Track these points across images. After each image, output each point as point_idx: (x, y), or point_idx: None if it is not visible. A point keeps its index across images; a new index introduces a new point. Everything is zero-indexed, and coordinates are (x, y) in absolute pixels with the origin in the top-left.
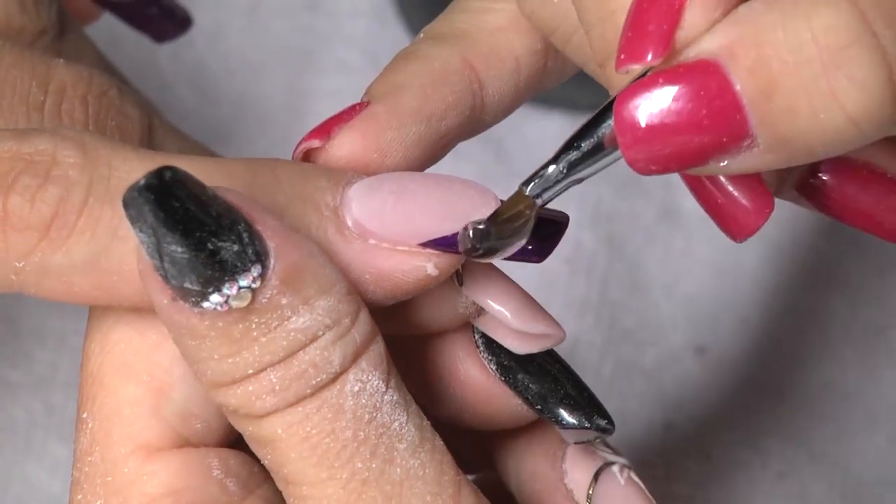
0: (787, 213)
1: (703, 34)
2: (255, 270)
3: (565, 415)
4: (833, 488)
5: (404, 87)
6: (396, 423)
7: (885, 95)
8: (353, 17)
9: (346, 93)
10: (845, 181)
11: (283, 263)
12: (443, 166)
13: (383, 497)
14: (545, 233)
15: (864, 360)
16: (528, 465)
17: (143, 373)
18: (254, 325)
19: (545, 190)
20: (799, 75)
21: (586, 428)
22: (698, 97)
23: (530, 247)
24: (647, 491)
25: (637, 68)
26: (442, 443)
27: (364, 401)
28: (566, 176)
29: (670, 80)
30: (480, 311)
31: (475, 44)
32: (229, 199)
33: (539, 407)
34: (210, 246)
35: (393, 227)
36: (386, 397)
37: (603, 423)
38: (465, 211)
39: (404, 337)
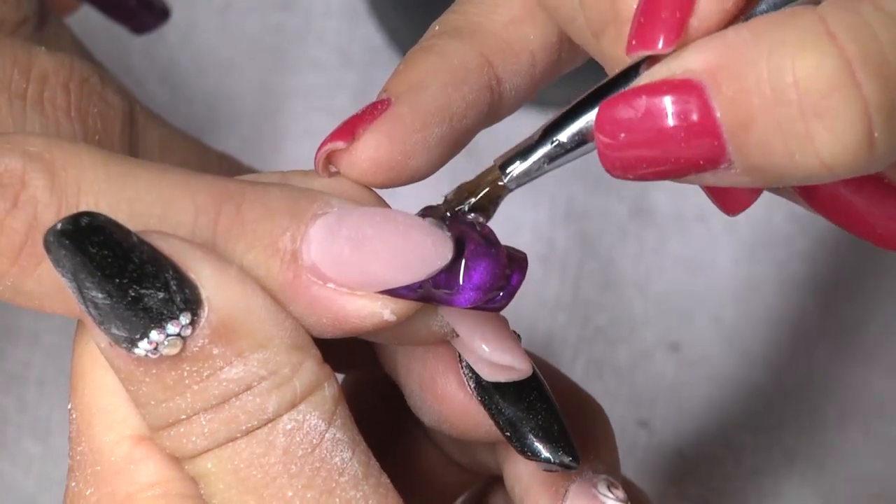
0: (759, 211)
1: (715, 25)
2: (185, 318)
3: (531, 445)
4: (807, 484)
5: (426, 85)
6: (338, 459)
7: (862, 146)
8: (325, 16)
9: (318, 91)
10: (843, 185)
11: (217, 315)
12: None
13: None
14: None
15: (838, 357)
16: (531, 497)
17: None
18: (185, 374)
19: (520, 179)
20: (777, 115)
21: (549, 461)
22: (679, 117)
23: (500, 294)
24: None
25: (644, 54)
26: (388, 481)
27: (299, 438)
28: (543, 168)
29: (654, 95)
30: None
31: (491, 38)
32: (159, 245)
33: (508, 434)
34: (132, 293)
35: (349, 275)
36: (327, 435)
37: (567, 459)
38: (421, 263)
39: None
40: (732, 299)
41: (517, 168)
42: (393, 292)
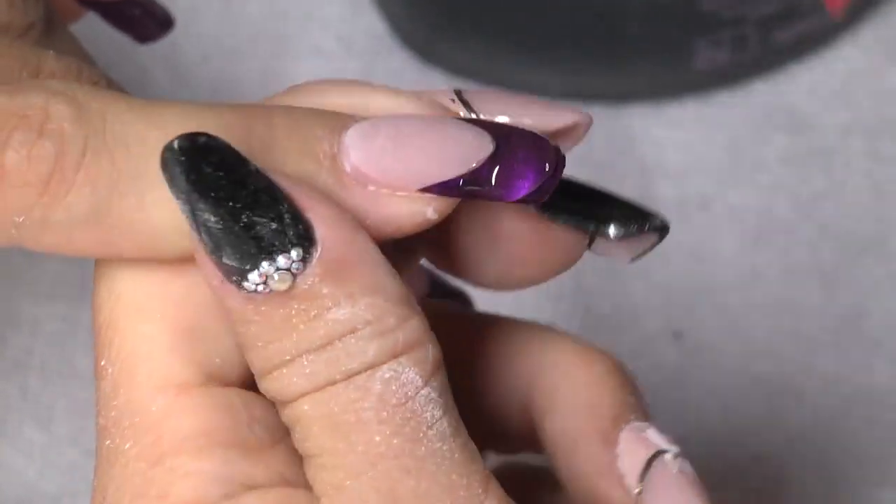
0: (762, 199)
1: None
2: (296, 253)
3: (619, 224)
4: (809, 470)
5: None
6: (429, 415)
7: None
8: (328, 3)
9: (321, 78)
10: None
11: (329, 255)
12: None
13: (401, 470)
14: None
15: (840, 344)
16: (581, 446)
17: (155, 311)
18: (293, 312)
19: None
20: None
21: (644, 231)
22: None
23: (545, 181)
24: (699, 480)
25: None
26: (476, 448)
27: (394, 387)
28: None
29: None
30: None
31: None
32: (276, 180)
33: (591, 227)
34: (245, 219)
35: (391, 172)
36: (422, 392)
37: (658, 222)
38: (463, 155)
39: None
40: (735, 287)
41: None
42: (436, 189)
